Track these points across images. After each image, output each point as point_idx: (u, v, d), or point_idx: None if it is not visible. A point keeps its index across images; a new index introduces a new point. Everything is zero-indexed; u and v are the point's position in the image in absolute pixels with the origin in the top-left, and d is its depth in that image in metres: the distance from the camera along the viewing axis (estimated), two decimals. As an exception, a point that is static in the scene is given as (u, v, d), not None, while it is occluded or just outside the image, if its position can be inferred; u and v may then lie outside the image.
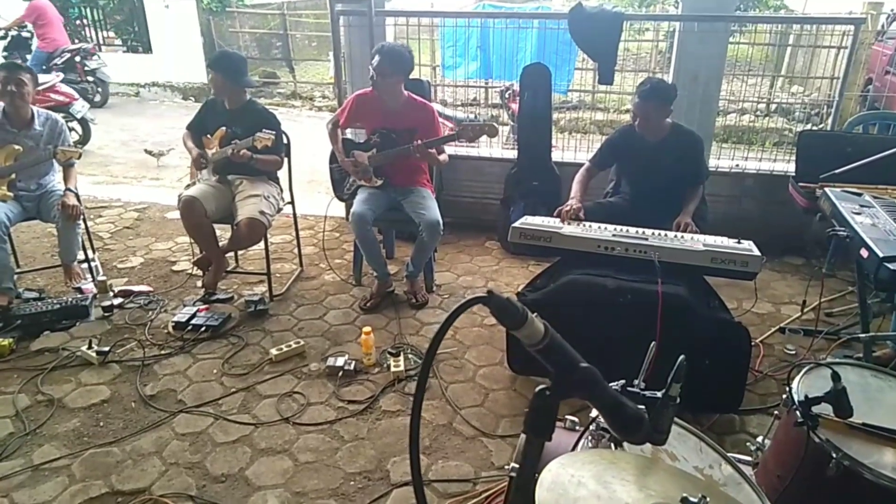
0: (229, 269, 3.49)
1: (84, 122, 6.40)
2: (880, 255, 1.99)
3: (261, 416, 2.49)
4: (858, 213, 2.33)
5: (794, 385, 1.57)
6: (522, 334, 0.82)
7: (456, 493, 2.11)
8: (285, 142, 3.40)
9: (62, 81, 6.26)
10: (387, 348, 2.89)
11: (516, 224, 2.67)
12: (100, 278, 3.36)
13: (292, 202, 3.55)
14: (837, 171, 2.79)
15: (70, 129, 5.91)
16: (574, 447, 1.27)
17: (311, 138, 5.50)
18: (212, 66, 3.27)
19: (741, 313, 3.16)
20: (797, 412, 1.47)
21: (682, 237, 2.59)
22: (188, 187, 3.30)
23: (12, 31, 7.53)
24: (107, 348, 2.84)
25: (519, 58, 4.48)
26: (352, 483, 2.16)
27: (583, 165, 3.24)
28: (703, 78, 3.75)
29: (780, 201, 3.50)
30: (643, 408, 0.95)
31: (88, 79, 7.73)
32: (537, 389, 0.85)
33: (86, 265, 3.52)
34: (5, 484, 2.12)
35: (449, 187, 4.26)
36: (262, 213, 3.14)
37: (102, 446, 2.30)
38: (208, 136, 3.36)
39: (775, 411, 1.68)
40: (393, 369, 2.71)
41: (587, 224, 2.72)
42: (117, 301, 3.26)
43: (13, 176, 3.21)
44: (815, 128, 5.29)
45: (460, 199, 4.31)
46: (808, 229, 3.73)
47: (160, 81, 9.72)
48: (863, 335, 2.41)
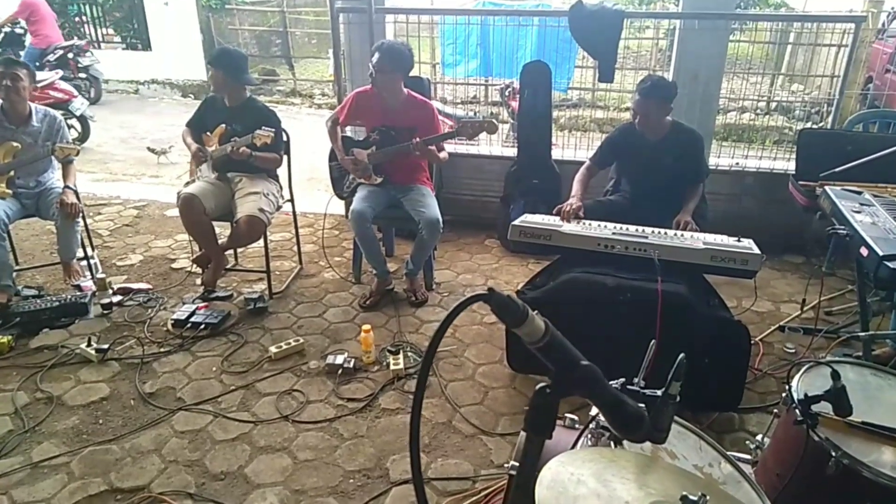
0: (229, 266, 3.49)
1: (83, 120, 6.40)
2: (880, 253, 1.99)
3: (260, 413, 2.49)
4: (858, 212, 2.33)
5: (793, 383, 1.57)
6: (523, 332, 0.82)
7: (455, 491, 2.11)
8: (285, 139, 3.40)
9: (61, 79, 6.26)
10: (386, 346, 2.90)
11: (516, 222, 2.66)
12: (99, 276, 3.36)
13: (292, 200, 3.55)
14: (837, 169, 2.79)
15: (69, 127, 5.94)
16: (574, 445, 1.27)
17: (310, 136, 5.50)
18: (212, 63, 3.25)
19: (741, 312, 3.16)
20: (797, 410, 1.47)
21: (682, 235, 2.58)
22: (187, 185, 3.30)
23: (5, 28, 7.48)
24: (106, 346, 2.84)
25: (519, 55, 4.47)
26: (351, 481, 2.16)
27: (583, 164, 3.24)
28: (704, 76, 3.75)
29: (780, 200, 3.50)
30: (643, 406, 0.95)
31: (81, 75, 7.69)
32: (538, 387, 0.85)
33: (85, 263, 3.52)
34: (4, 481, 2.12)
35: (449, 185, 4.26)
36: (261, 210, 3.14)
37: (101, 444, 2.30)
38: (208, 134, 3.36)
39: (775, 410, 1.68)
40: (392, 367, 2.71)
41: (587, 222, 2.71)
42: (116, 299, 3.26)
43: (12, 173, 3.20)
44: (815, 126, 5.28)
45: (460, 197, 4.31)
46: (808, 228, 3.74)
47: (159, 79, 9.72)
48: (862, 334, 2.41)
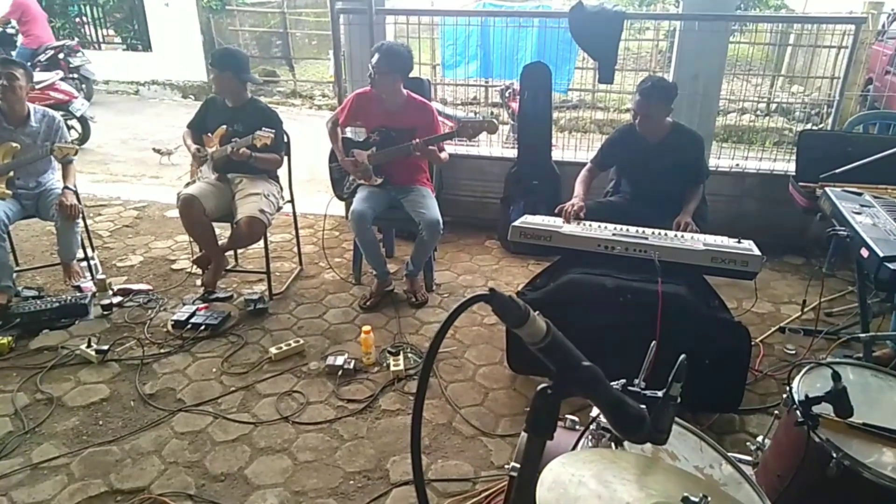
0: (229, 267, 3.48)
1: (83, 121, 6.39)
2: (880, 254, 1.99)
3: (260, 415, 2.49)
4: (859, 213, 2.33)
5: (794, 385, 1.57)
6: (524, 333, 0.81)
7: (455, 492, 2.11)
8: (286, 140, 3.40)
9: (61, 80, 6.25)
10: (386, 347, 2.89)
11: (516, 223, 2.66)
12: (99, 277, 3.36)
13: (292, 201, 3.55)
14: (838, 170, 2.79)
15: (70, 128, 5.94)
16: (574, 446, 1.26)
17: (310, 137, 5.49)
18: (217, 65, 3.18)
19: (741, 313, 3.16)
20: (797, 412, 1.46)
21: (683, 236, 2.58)
22: (188, 185, 3.29)
23: None
24: (106, 347, 2.84)
25: (519, 57, 4.47)
26: (351, 482, 2.16)
27: (583, 165, 3.24)
28: (704, 77, 3.75)
29: (781, 201, 3.50)
30: (644, 407, 0.95)
31: (72, 76, 7.63)
32: (539, 388, 0.85)
33: (85, 263, 3.52)
34: (4, 483, 2.12)
35: (449, 186, 4.26)
36: (261, 211, 3.14)
37: (101, 445, 2.30)
38: (209, 135, 3.36)
39: (775, 411, 1.68)
40: (392, 368, 2.71)
41: (587, 223, 2.72)
42: (116, 299, 3.26)
43: (11, 174, 3.20)
44: (815, 127, 5.28)
45: (460, 198, 4.31)
46: (809, 229, 3.74)
47: (160, 80, 9.72)
48: (863, 335, 2.41)
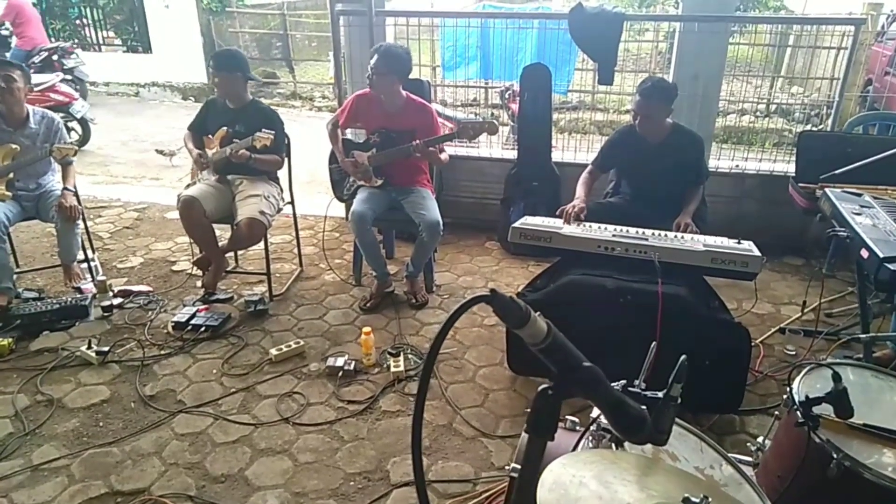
0: (229, 269, 3.49)
1: (84, 122, 6.39)
2: (880, 255, 1.99)
3: (260, 416, 2.49)
4: (858, 214, 2.33)
5: (794, 385, 1.57)
6: (525, 333, 0.82)
7: (456, 493, 2.11)
8: (286, 141, 3.40)
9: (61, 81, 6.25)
10: (387, 348, 2.89)
11: (516, 224, 2.66)
12: (99, 278, 3.36)
13: (292, 202, 3.55)
14: (837, 171, 2.79)
15: (70, 129, 5.94)
16: (575, 447, 1.26)
17: (310, 138, 5.50)
18: (226, 66, 3.14)
19: (741, 314, 3.16)
20: (798, 412, 1.47)
21: (683, 237, 2.59)
22: (188, 187, 3.29)
23: None
24: (106, 348, 2.84)
25: (519, 58, 4.48)
26: (352, 483, 2.16)
27: (583, 166, 3.24)
28: (703, 78, 3.76)
29: (780, 202, 3.50)
30: (644, 408, 0.95)
31: (66, 77, 7.63)
32: (540, 389, 0.85)
33: (85, 265, 3.52)
34: (5, 484, 2.12)
35: (449, 187, 4.26)
36: (262, 213, 3.14)
37: (102, 446, 2.30)
38: (209, 137, 3.36)
39: (776, 412, 1.68)
40: (393, 369, 2.71)
41: (587, 224, 2.72)
42: (117, 301, 3.26)
43: (11, 175, 3.19)
44: (814, 128, 5.29)
45: (460, 200, 4.31)
46: (808, 230, 3.74)
47: (160, 81, 9.72)
48: (863, 336, 2.41)
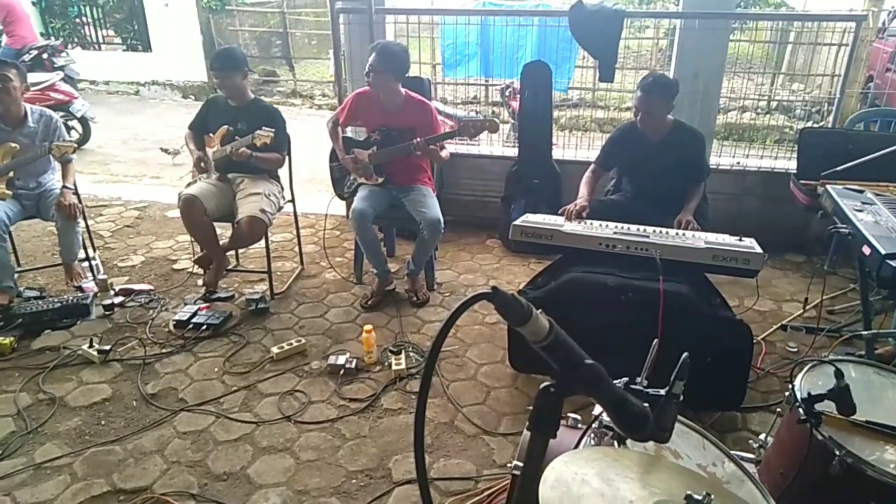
0: (230, 267, 3.49)
1: (84, 121, 6.38)
2: (882, 252, 1.98)
3: (262, 414, 2.49)
4: (860, 211, 2.33)
5: (796, 382, 1.57)
6: (527, 331, 0.81)
7: (458, 491, 2.11)
8: (287, 140, 3.39)
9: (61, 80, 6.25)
10: (388, 346, 2.89)
11: (517, 222, 2.66)
12: (100, 277, 3.36)
13: (293, 200, 3.55)
14: (839, 168, 2.79)
15: (70, 128, 5.94)
16: (577, 445, 1.26)
17: (311, 137, 5.49)
18: (231, 65, 3.12)
19: (743, 311, 3.16)
20: (800, 409, 1.46)
21: (684, 235, 2.58)
22: (189, 185, 3.29)
23: None
24: (108, 347, 2.84)
25: (519, 55, 4.47)
26: (353, 481, 2.16)
27: (584, 163, 3.24)
28: (704, 75, 3.75)
29: (782, 199, 3.50)
30: (647, 405, 0.95)
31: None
32: (542, 386, 0.85)
33: (86, 264, 3.52)
34: (7, 483, 2.12)
35: (450, 185, 4.26)
36: (262, 211, 3.14)
37: (104, 445, 2.30)
38: (210, 135, 3.36)
39: (778, 409, 1.68)
40: (394, 367, 2.71)
41: (588, 222, 2.71)
42: (118, 300, 3.26)
43: (11, 174, 3.19)
44: (816, 125, 5.27)
45: (461, 198, 4.31)
46: (810, 227, 3.74)
47: (160, 80, 9.72)
48: (865, 332, 2.41)
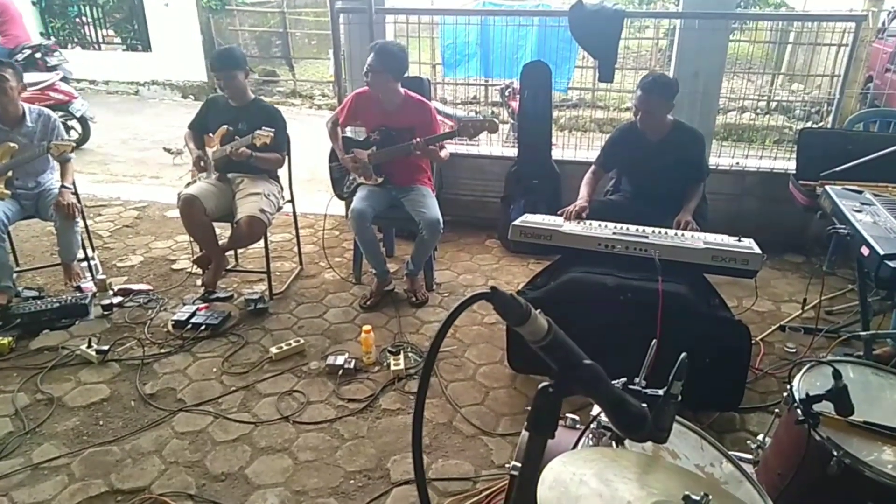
0: (229, 267, 3.48)
1: (83, 121, 6.37)
2: (881, 252, 1.98)
3: (261, 414, 2.49)
4: (859, 211, 2.32)
5: (794, 383, 1.57)
6: (525, 331, 0.81)
7: (456, 491, 2.11)
8: (287, 140, 3.39)
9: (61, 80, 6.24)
10: (387, 347, 2.89)
11: (516, 222, 2.66)
12: (99, 277, 3.36)
13: (292, 200, 3.54)
14: (838, 168, 2.79)
15: (70, 128, 5.94)
16: (575, 445, 1.26)
17: (310, 137, 5.49)
18: (232, 65, 3.12)
19: (741, 311, 3.16)
20: (798, 410, 1.46)
21: (683, 235, 2.58)
22: (188, 185, 3.29)
23: None
24: (106, 347, 2.84)
25: (519, 56, 4.47)
26: (352, 482, 2.16)
27: (583, 164, 3.23)
28: (704, 76, 3.75)
29: (781, 199, 3.50)
30: (645, 406, 0.95)
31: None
32: (540, 387, 0.85)
33: (85, 264, 3.52)
34: (5, 483, 2.12)
35: (449, 185, 4.26)
36: (262, 211, 3.13)
37: (102, 445, 2.30)
38: (210, 135, 3.35)
39: (776, 409, 1.68)
40: (393, 368, 2.71)
41: (587, 222, 2.72)
42: (117, 300, 3.26)
43: (10, 174, 3.18)
44: (815, 126, 5.28)
45: (460, 198, 4.31)
46: (809, 227, 3.75)
47: (160, 80, 9.72)
48: (863, 333, 2.41)
